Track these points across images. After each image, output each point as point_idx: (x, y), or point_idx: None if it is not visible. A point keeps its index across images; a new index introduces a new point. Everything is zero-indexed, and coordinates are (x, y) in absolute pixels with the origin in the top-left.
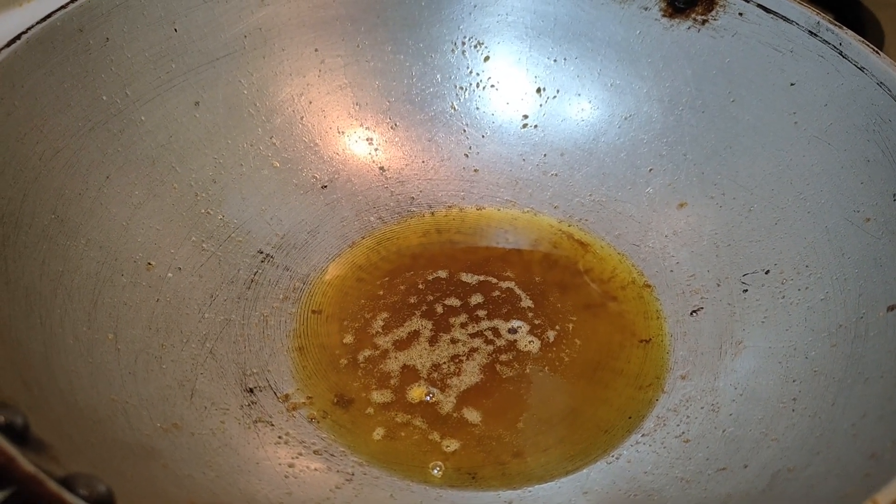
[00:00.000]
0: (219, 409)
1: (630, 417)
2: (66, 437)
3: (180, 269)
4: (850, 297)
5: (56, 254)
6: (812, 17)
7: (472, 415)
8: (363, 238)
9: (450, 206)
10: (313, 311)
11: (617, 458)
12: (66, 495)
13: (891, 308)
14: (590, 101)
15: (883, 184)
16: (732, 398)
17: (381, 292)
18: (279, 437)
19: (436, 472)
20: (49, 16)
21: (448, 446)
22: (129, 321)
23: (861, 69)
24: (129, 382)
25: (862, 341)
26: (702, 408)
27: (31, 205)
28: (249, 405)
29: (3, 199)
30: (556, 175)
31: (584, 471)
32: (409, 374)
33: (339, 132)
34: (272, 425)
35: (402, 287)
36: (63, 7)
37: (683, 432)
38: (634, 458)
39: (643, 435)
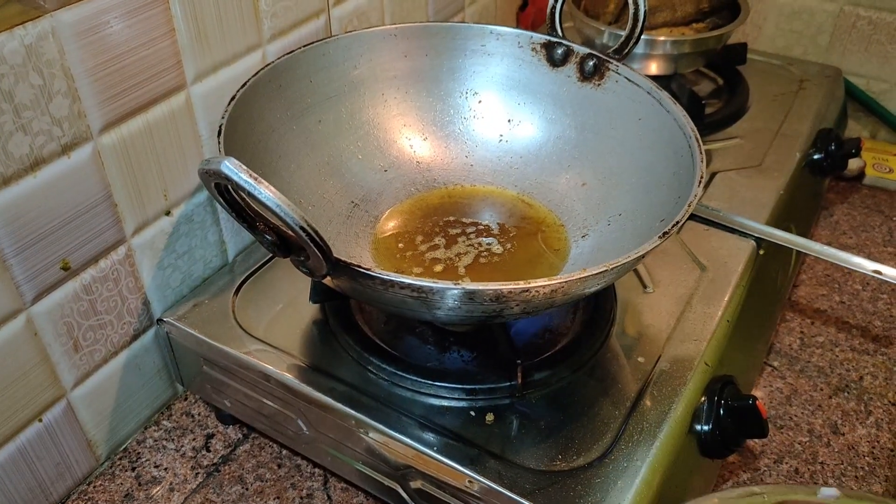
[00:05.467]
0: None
1: None
2: None
3: (314, 205)
4: (639, 217)
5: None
6: (648, 84)
7: (467, 279)
8: (407, 198)
9: (455, 184)
10: (380, 233)
11: None
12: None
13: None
14: (537, 127)
15: (673, 174)
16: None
17: (419, 224)
18: None
19: None
20: (255, 74)
21: None
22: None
23: (668, 112)
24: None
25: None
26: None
27: (262, 154)
28: None
29: (254, 147)
30: (517, 168)
31: None
32: (435, 261)
33: (393, 140)
34: None
35: (429, 223)
36: (257, 72)
37: None
38: None
39: None
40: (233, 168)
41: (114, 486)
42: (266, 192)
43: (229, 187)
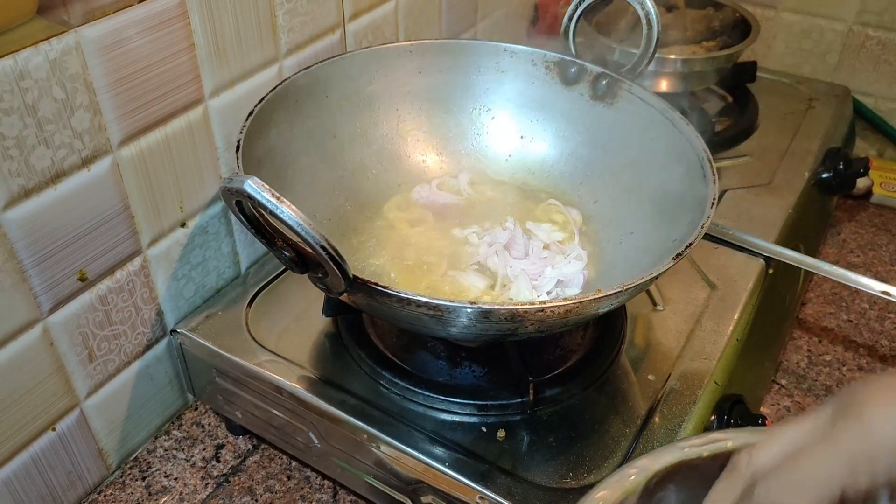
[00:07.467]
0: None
1: None
2: None
3: (329, 219)
4: (650, 236)
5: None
6: (661, 104)
7: None
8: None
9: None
10: None
11: None
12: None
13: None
14: (549, 144)
15: (684, 194)
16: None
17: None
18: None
19: None
20: (272, 89)
21: None
22: None
23: (680, 132)
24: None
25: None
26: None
27: (277, 169)
28: None
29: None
30: (529, 184)
31: None
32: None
33: (407, 155)
34: None
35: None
36: (274, 88)
37: None
38: None
39: None
40: (255, 188)
41: (124, 495)
42: (288, 212)
43: (249, 205)
